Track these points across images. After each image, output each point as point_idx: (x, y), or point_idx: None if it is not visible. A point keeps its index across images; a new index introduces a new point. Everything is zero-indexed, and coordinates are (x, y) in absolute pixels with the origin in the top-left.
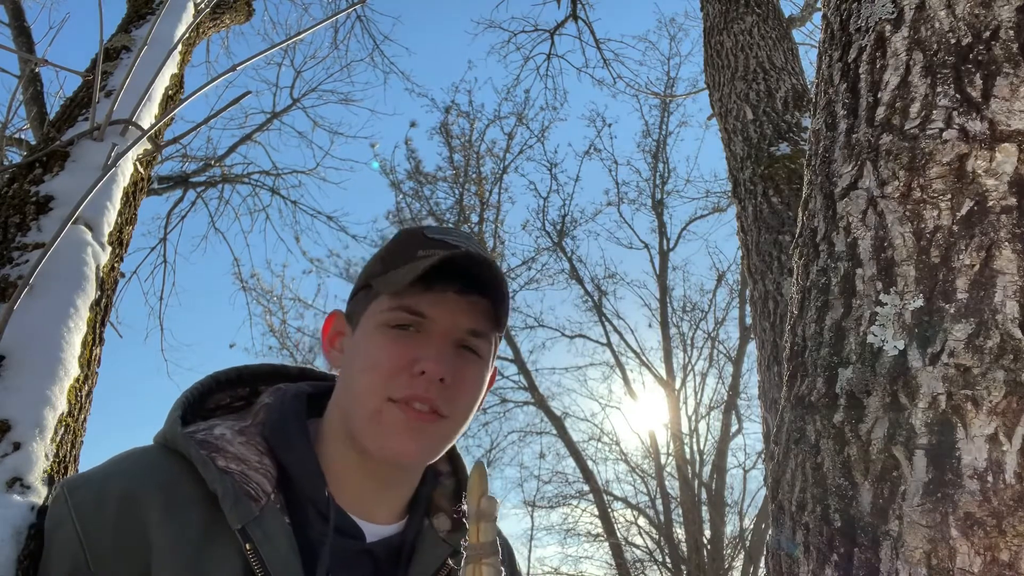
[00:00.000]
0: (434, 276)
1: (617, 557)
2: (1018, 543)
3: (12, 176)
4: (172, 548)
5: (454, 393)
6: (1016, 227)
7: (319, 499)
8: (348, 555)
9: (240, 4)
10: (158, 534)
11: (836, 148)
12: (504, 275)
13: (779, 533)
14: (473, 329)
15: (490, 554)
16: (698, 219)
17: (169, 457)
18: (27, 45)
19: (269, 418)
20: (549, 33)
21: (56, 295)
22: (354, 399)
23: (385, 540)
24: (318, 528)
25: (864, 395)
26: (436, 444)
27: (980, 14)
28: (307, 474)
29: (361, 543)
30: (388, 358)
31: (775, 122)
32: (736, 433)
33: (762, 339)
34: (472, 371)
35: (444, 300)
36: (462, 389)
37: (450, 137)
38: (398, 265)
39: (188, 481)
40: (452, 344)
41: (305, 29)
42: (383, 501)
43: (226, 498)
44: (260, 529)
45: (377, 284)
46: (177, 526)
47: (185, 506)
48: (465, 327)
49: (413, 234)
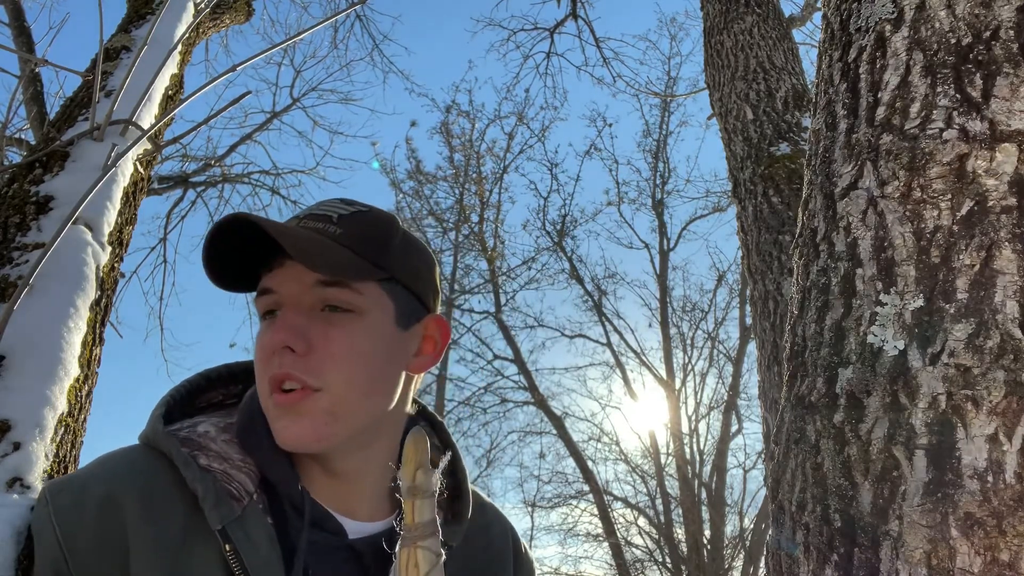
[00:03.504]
0: (269, 252)
1: (617, 557)
2: (1018, 543)
3: (12, 176)
4: (151, 551)
5: (318, 360)
6: (1016, 227)
7: (293, 495)
8: (329, 551)
9: (240, 4)
10: (136, 537)
11: (836, 148)
12: (371, 218)
13: (779, 533)
14: (318, 280)
15: (427, 535)
16: (698, 219)
17: (151, 457)
18: (27, 45)
19: (240, 417)
20: (549, 32)
21: (56, 295)
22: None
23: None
24: (298, 526)
25: (864, 395)
26: (323, 420)
27: (980, 14)
28: (278, 470)
29: (342, 539)
30: (259, 348)
31: (775, 122)
32: (736, 433)
33: (762, 339)
34: (341, 330)
35: (284, 268)
36: (328, 352)
37: (450, 136)
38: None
39: (169, 481)
40: (307, 310)
41: (305, 29)
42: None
43: (207, 498)
44: (241, 530)
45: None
46: (156, 528)
47: (165, 507)
48: (310, 283)
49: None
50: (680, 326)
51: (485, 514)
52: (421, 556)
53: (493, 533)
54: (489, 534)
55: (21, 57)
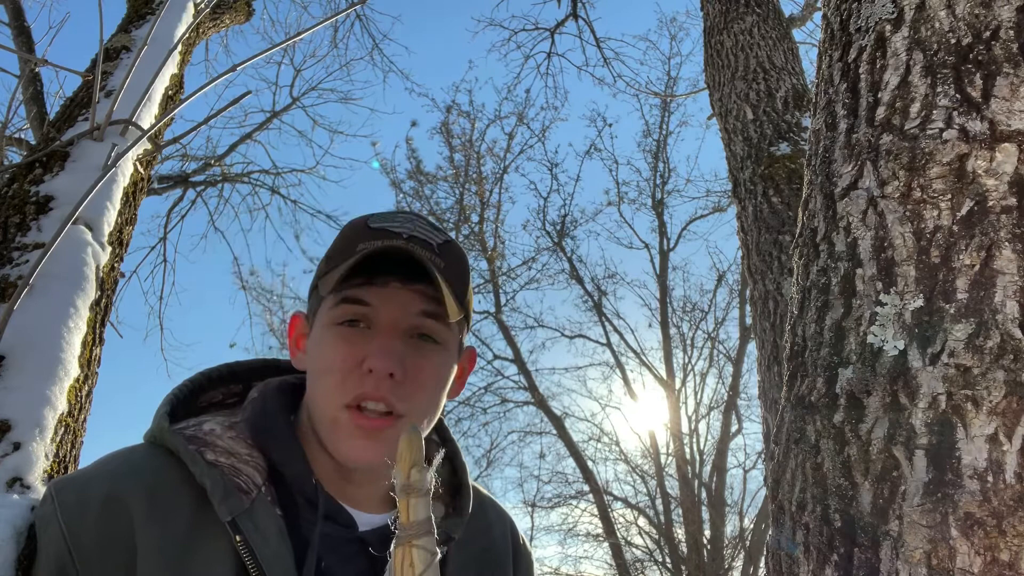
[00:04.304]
0: (374, 267)
1: (617, 557)
2: (1018, 543)
3: (12, 176)
4: (157, 549)
5: (410, 389)
6: (1016, 227)
7: (307, 488)
8: (340, 543)
9: (240, 4)
10: (143, 535)
11: (836, 148)
12: (459, 252)
13: (779, 533)
14: (424, 311)
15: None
16: (698, 219)
17: (156, 455)
18: (27, 45)
19: (253, 411)
20: (549, 32)
21: (56, 295)
22: (315, 405)
23: (378, 529)
24: (309, 518)
25: (864, 395)
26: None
27: (980, 14)
28: (293, 464)
29: (353, 531)
30: (337, 359)
31: (775, 122)
32: (736, 433)
33: (762, 339)
34: (430, 361)
35: (387, 289)
36: (419, 382)
37: (450, 136)
38: (339, 261)
39: (175, 479)
40: (402, 335)
41: (305, 28)
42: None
43: (215, 491)
44: (251, 521)
45: (321, 284)
46: (163, 526)
47: (171, 505)
48: (414, 312)
49: (355, 227)
50: (680, 326)
51: (487, 515)
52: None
53: (495, 535)
54: (491, 535)
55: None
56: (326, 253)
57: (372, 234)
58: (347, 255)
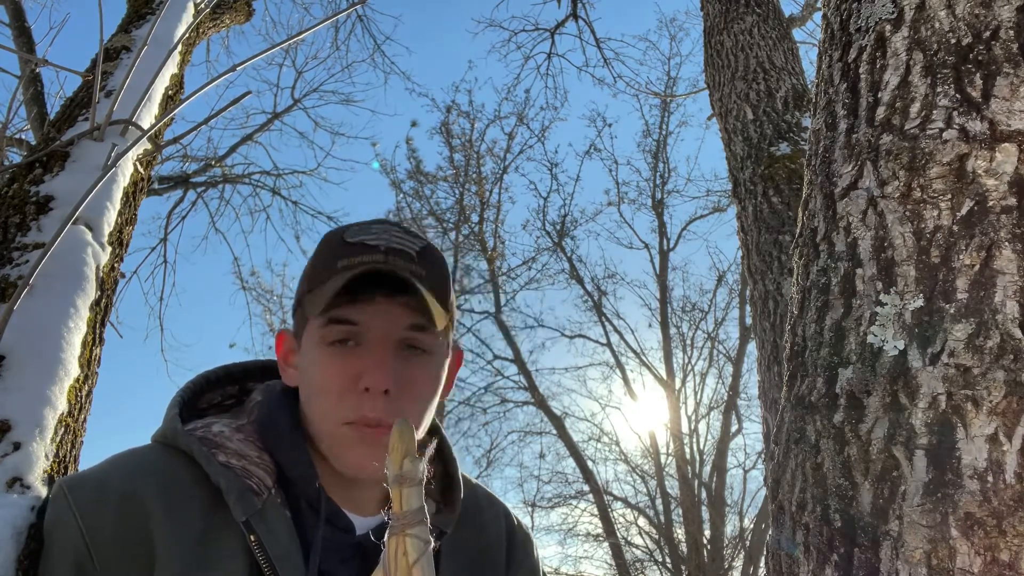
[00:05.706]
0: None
1: (617, 557)
2: (1018, 543)
3: (12, 176)
4: (175, 544)
5: (406, 402)
6: (1016, 227)
7: (311, 492)
8: (340, 547)
9: (240, 4)
10: (160, 531)
11: (836, 148)
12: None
13: (779, 533)
14: (412, 324)
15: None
16: (698, 219)
17: (168, 455)
18: (27, 45)
19: (260, 415)
20: (549, 32)
21: (56, 295)
22: (313, 422)
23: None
24: (312, 522)
25: (864, 395)
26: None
27: (980, 14)
28: (299, 468)
29: (352, 536)
30: (332, 379)
31: (775, 122)
32: (736, 433)
33: (762, 339)
34: (421, 371)
35: (373, 305)
36: (412, 393)
37: (450, 137)
38: (322, 280)
39: (188, 478)
40: (393, 348)
41: (306, 29)
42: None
43: (230, 491)
44: (263, 522)
45: (307, 304)
46: (179, 523)
47: (185, 502)
48: (403, 327)
49: (331, 243)
50: (680, 326)
51: (482, 513)
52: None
53: (490, 536)
54: (487, 536)
55: (21, 57)
56: (304, 271)
57: (350, 249)
58: (328, 273)
